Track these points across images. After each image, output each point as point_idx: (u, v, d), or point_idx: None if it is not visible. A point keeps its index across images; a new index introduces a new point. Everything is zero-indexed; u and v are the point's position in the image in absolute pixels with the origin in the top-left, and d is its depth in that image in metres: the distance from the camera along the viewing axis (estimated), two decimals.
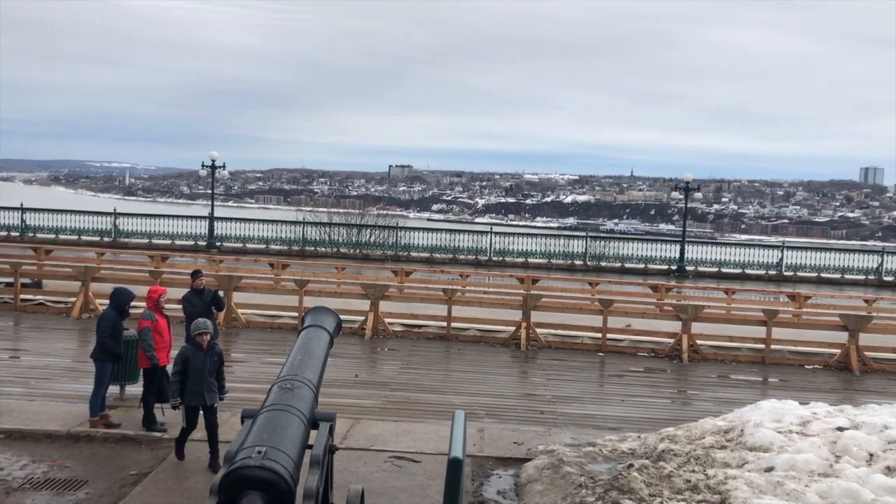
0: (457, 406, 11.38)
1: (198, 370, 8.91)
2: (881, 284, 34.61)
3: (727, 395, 14.10)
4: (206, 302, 12.24)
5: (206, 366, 8.96)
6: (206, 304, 12.22)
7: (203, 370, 8.93)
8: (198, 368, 8.91)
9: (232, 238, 37.45)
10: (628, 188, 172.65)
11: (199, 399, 8.93)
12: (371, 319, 17.58)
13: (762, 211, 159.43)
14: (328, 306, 8.51)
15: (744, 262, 36.45)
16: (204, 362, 8.95)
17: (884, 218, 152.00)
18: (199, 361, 8.94)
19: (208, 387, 8.99)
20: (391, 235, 38.45)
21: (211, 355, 9.04)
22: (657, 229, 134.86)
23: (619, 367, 16.05)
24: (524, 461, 9.50)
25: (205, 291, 12.45)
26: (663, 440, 9.58)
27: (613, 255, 37.26)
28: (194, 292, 12.30)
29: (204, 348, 8.99)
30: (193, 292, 12.31)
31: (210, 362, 9.00)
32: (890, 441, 8.65)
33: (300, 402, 6.21)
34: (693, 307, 17.76)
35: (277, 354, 14.14)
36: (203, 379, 8.93)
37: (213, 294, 12.58)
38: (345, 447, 9.33)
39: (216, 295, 12.72)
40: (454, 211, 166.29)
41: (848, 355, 16.64)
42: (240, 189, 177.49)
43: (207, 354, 9.00)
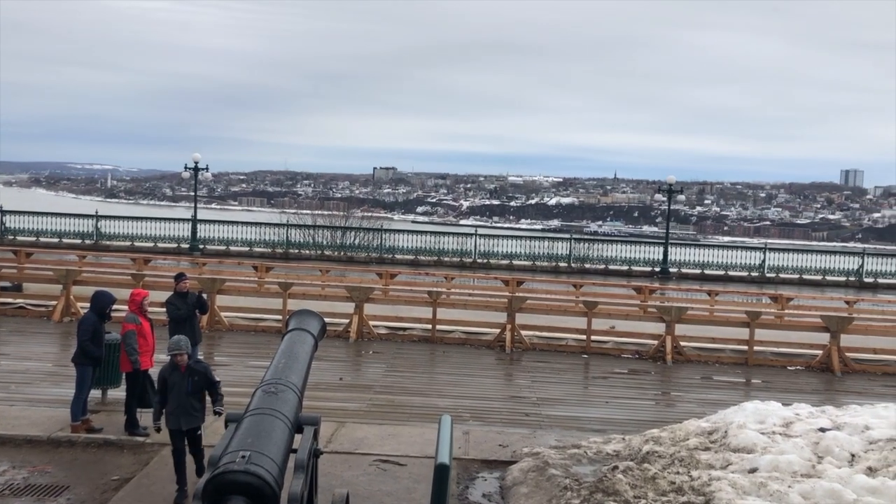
0: (442, 409, 11.39)
1: (175, 391, 8.21)
2: (862, 286, 34.96)
3: (711, 396, 14.17)
4: (190, 305, 12.08)
5: (183, 387, 8.20)
6: (191, 308, 12.08)
7: (180, 391, 8.20)
8: (175, 389, 8.22)
9: (215, 240, 37.24)
10: (612, 190, 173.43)
11: (174, 422, 8.22)
12: (355, 322, 17.53)
13: (744, 213, 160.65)
14: (312, 309, 8.49)
15: (726, 263, 36.72)
16: (181, 383, 8.21)
17: (864, 220, 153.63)
18: (175, 382, 8.22)
19: (185, 409, 8.21)
20: (376, 238, 38.38)
21: (190, 375, 8.26)
22: (641, 231, 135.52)
23: (603, 368, 16.09)
24: (509, 464, 9.50)
25: (189, 294, 12.28)
26: (648, 442, 9.61)
27: (597, 256, 37.41)
28: (178, 295, 12.15)
29: (181, 368, 8.25)
30: (177, 295, 12.16)
31: (189, 383, 8.23)
32: (871, 442, 8.73)
33: (284, 405, 6.18)
34: (676, 309, 17.85)
35: (261, 358, 14.06)
36: (180, 401, 8.19)
37: (197, 297, 12.43)
38: (329, 451, 9.29)
39: (200, 298, 12.58)
40: (439, 213, 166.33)
41: (830, 356, 16.77)
42: (223, 191, 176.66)
43: (186, 375, 8.24)
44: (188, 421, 8.24)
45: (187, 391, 8.22)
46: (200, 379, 8.31)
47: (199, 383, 8.30)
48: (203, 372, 8.38)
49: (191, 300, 12.17)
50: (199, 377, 8.30)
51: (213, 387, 8.40)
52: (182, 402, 8.21)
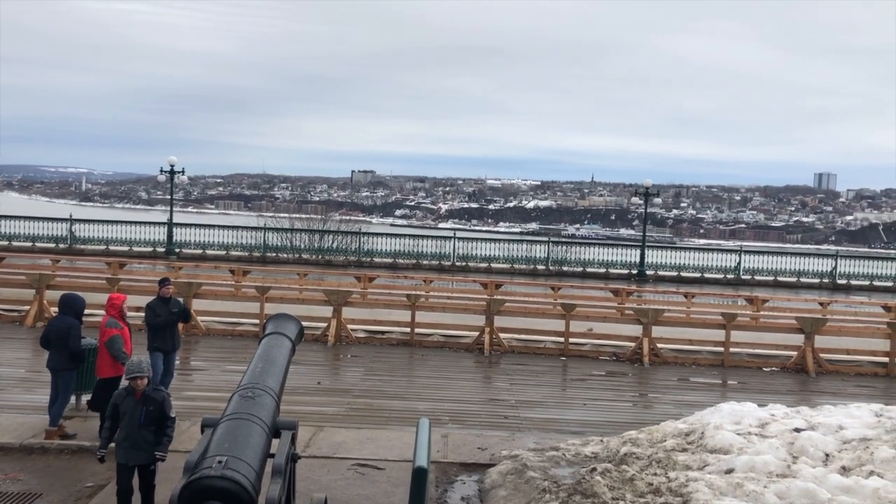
0: (420, 412, 11.37)
1: (126, 420, 7.26)
2: (835, 287, 35.43)
3: (688, 397, 14.27)
4: (171, 312, 11.64)
5: (136, 416, 7.23)
6: (172, 315, 11.63)
7: (132, 421, 7.23)
8: (126, 418, 7.26)
9: (191, 244, 36.95)
10: (589, 193, 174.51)
11: (122, 455, 7.29)
12: (334, 326, 17.46)
13: (720, 216, 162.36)
14: (290, 313, 8.45)
15: (702, 266, 37.07)
16: (134, 411, 7.24)
17: (837, 222, 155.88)
18: (128, 409, 7.26)
19: (135, 442, 7.23)
20: (354, 241, 38.29)
21: (145, 404, 7.27)
22: (618, 234, 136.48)
23: (581, 370, 16.15)
24: (488, 466, 9.50)
25: (171, 300, 11.85)
26: (625, 443, 9.66)
27: (575, 259, 37.61)
28: (161, 300, 11.68)
29: (137, 395, 7.30)
30: (160, 300, 11.69)
31: (143, 413, 7.23)
32: (845, 441, 8.84)
33: (261, 410, 6.14)
34: (653, 311, 17.96)
35: (238, 362, 13.96)
36: (130, 432, 7.23)
37: (179, 305, 12.05)
38: (307, 455, 9.23)
39: (184, 307, 12.21)
40: (417, 216, 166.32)
41: (804, 357, 16.96)
42: (199, 194, 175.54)
43: (140, 402, 7.26)
44: (137, 456, 7.28)
45: (139, 422, 7.25)
46: (156, 409, 7.33)
47: (153, 414, 7.31)
48: (160, 402, 7.38)
49: (173, 307, 11.83)
50: (154, 407, 7.32)
51: (165, 423, 7.39)
52: (132, 434, 7.25)
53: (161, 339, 11.52)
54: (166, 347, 11.57)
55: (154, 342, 11.48)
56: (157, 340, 11.51)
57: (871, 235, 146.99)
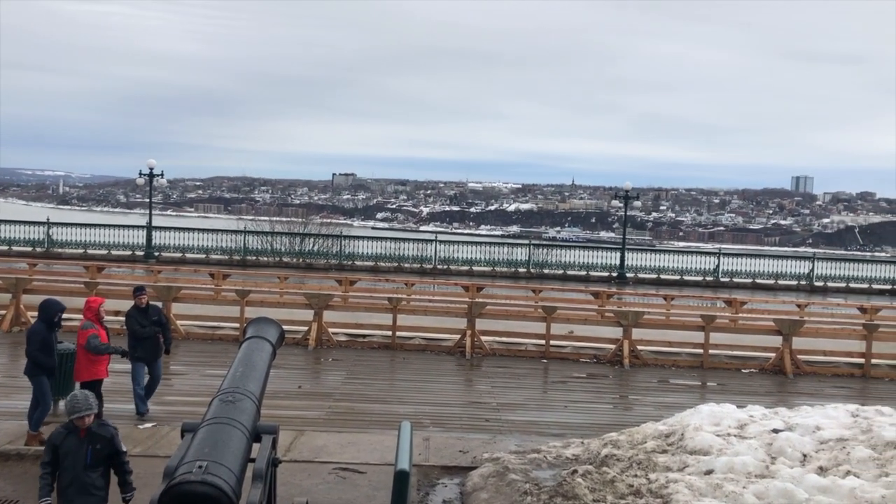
0: (402, 415, 11.35)
1: (69, 462, 6.29)
2: (812, 289, 35.84)
3: (667, 399, 14.35)
4: (152, 321, 11.41)
5: (80, 457, 6.30)
6: (152, 324, 11.39)
7: (76, 463, 6.29)
8: (69, 459, 6.29)
9: (171, 248, 36.73)
10: (570, 196, 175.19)
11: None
12: (314, 329, 17.40)
13: (699, 219, 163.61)
14: (270, 317, 8.42)
15: (682, 268, 37.38)
16: (78, 452, 6.29)
17: (814, 225, 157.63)
18: (71, 450, 6.29)
19: (82, 487, 6.27)
20: (335, 244, 38.20)
21: (91, 442, 6.33)
22: (598, 237, 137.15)
23: (562, 373, 16.21)
24: (469, 469, 9.51)
25: (150, 309, 11.60)
26: (606, 445, 9.71)
27: (556, 262, 37.79)
28: (138, 311, 11.47)
29: (81, 433, 6.33)
30: (137, 310, 11.48)
31: (89, 453, 6.31)
32: (822, 442, 8.94)
33: (242, 414, 6.10)
34: (633, 313, 18.07)
35: (218, 366, 13.86)
36: (75, 476, 6.28)
37: (158, 312, 11.79)
38: (288, 459, 9.20)
39: (163, 319, 11.82)
40: (399, 219, 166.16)
41: (782, 359, 17.13)
42: (179, 198, 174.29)
43: (85, 441, 6.32)
44: (85, 502, 6.32)
45: (86, 463, 6.32)
46: (104, 447, 6.38)
47: (101, 452, 6.37)
48: (109, 438, 6.42)
49: (152, 314, 11.53)
50: (102, 445, 6.37)
51: (120, 460, 6.49)
52: (78, 478, 6.30)
53: (144, 348, 11.34)
54: (149, 357, 11.38)
55: (136, 352, 11.27)
56: (140, 349, 11.31)
57: (847, 238, 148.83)
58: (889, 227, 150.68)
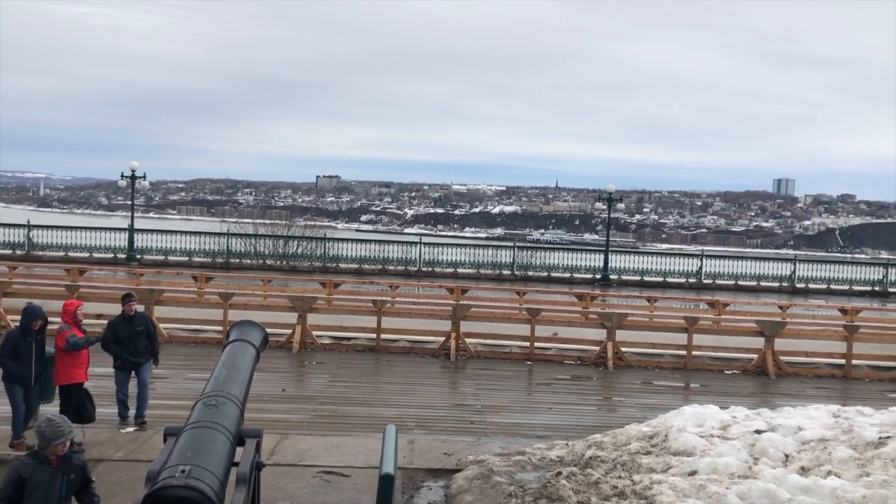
0: (386, 418, 11.34)
1: (41, 497, 5.65)
2: (794, 291, 36.13)
3: (651, 400, 14.41)
4: (136, 331, 10.88)
5: (55, 490, 5.70)
6: (136, 334, 10.87)
7: (51, 497, 5.69)
8: (38, 492, 5.63)
9: (153, 250, 36.46)
10: (554, 199, 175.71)
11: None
12: (298, 332, 17.34)
13: (682, 221, 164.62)
14: (254, 320, 8.38)
15: (665, 270, 37.55)
16: (52, 484, 5.67)
17: (795, 227, 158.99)
18: (43, 481, 5.66)
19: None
20: (319, 247, 38.07)
21: (66, 471, 5.79)
22: (582, 239, 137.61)
23: (546, 375, 16.24)
24: (454, 472, 9.50)
25: (136, 317, 11.09)
26: (590, 447, 9.73)
27: (540, 264, 37.86)
28: (124, 319, 10.98)
29: (53, 461, 5.74)
30: (123, 319, 10.98)
31: (64, 485, 5.73)
32: (804, 442, 9.01)
33: (225, 418, 6.07)
34: (617, 315, 18.14)
35: (201, 370, 13.77)
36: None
37: (145, 321, 11.22)
38: (272, 463, 9.15)
39: (151, 328, 11.29)
40: (383, 221, 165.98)
41: (764, 360, 17.25)
42: (161, 200, 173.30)
43: (59, 471, 5.74)
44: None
45: (60, 496, 5.74)
46: (78, 477, 5.90)
47: (75, 483, 5.88)
48: (82, 467, 5.95)
49: (138, 324, 11.01)
50: (76, 475, 5.88)
51: (89, 490, 6.02)
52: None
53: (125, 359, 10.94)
54: (132, 366, 11.01)
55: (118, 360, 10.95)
56: (123, 360, 10.94)
57: (828, 240, 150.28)
58: (869, 229, 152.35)
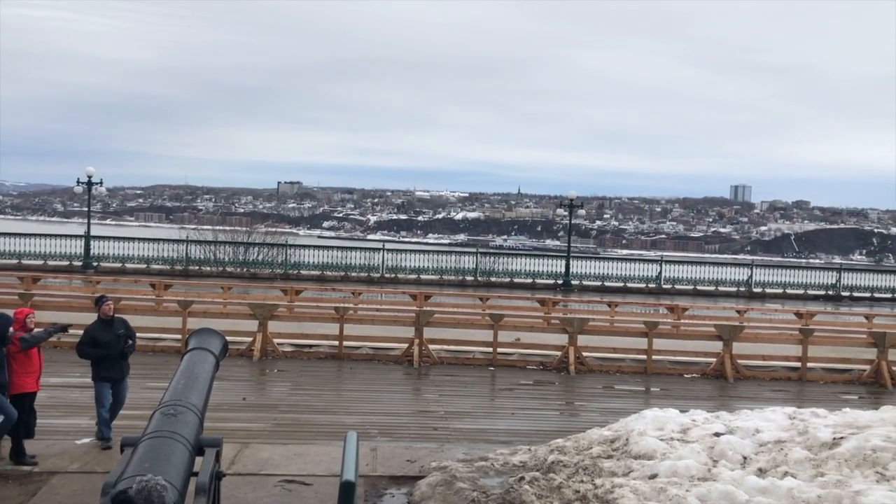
0: (349, 426, 11.26)
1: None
2: (751, 296, 36.81)
3: (613, 405, 14.53)
4: (117, 335, 10.37)
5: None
6: (117, 338, 10.37)
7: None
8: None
9: (110, 257, 35.83)
10: (516, 205, 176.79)
11: None
12: (259, 340, 17.15)
13: (641, 227, 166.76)
14: (213, 328, 8.29)
15: (625, 275, 38.00)
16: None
17: (752, 233, 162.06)
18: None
19: None
20: (280, 253, 37.76)
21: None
22: (544, 245, 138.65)
23: (509, 380, 16.29)
24: (417, 479, 9.47)
25: (115, 321, 10.55)
26: (553, 452, 9.78)
27: (503, 270, 38.03)
28: (102, 323, 10.49)
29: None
30: (101, 323, 10.49)
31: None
32: (761, 444, 9.16)
33: (184, 428, 5.99)
34: (579, 320, 18.27)
35: (160, 379, 13.52)
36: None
37: (125, 326, 10.65)
38: (232, 473, 9.03)
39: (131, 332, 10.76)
40: (346, 228, 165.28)
41: (723, 364, 17.50)
42: (119, 206, 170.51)
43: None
44: None
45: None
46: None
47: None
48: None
49: (117, 327, 10.45)
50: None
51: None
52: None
53: (108, 366, 10.38)
54: (114, 375, 10.45)
55: (100, 371, 10.40)
56: (104, 368, 10.40)
57: (783, 245, 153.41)
58: (823, 235, 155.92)
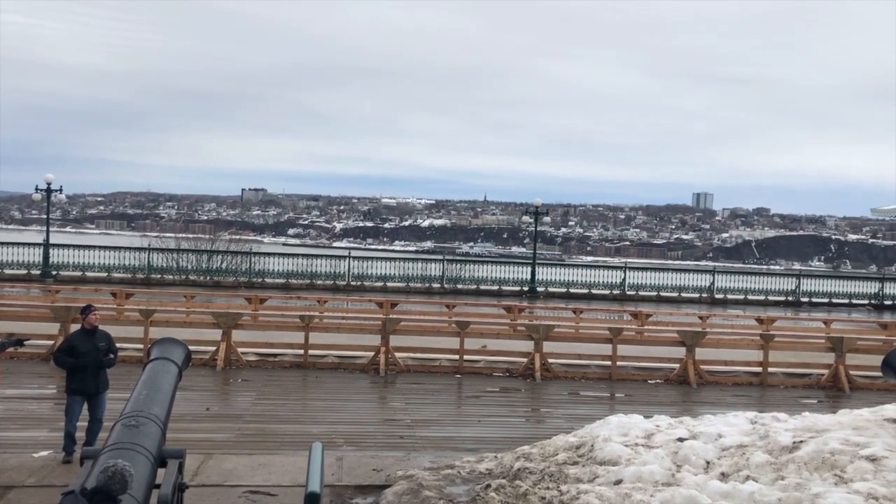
0: (315, 435, 11.18)
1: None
2: (713, 302, 37.35)
3: (578, 411, 14.62)
4: (96, 347, 10.01)
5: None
6: (98, 350, 10.00)
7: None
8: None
9: (70, 266, 35.20)
10: (482, 212, 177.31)
11: None
12: (223, 349, 16.95)
13: (606, 234, 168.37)
14: (176, 337, 8.19)
15: (590, 282, 38.33)
16: None
17: (714, 240, 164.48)
18: None
19: None
20: (244, 261, 37.41)
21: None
22: (510, 252, 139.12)
23: (475, 387, 16.31)
24: (383, 488, 9.42)
25: (98, 332, 10.23)
26: (519, 459, 9.80)
27: (469, 277, 38.14)
28: (84, 333, 10.17)
29: None
30: (83, 333, 10.18)
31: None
32: (724, 449, 9.29)
33: (146, 439, 5.91)
34: (544, 327, 18.36)
35: (121, 390, 13.24)
36: None
37: (108, 340, 10.31)
38: (196, 484, 8.90)
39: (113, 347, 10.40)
40: (311, 235, 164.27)
41: (686, 369, 17.71)
42: (79, 214, 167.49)
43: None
44: None
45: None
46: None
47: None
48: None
49: (99, 339, 10.11)
50: None
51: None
52: None
53: (80, 378, 9.99)
54: (88, 389, 10.00)
55: (72, 382, 10.02)
56: (77, 380, 10.00)
57: (744, 252, 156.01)
58: (783, 241, 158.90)
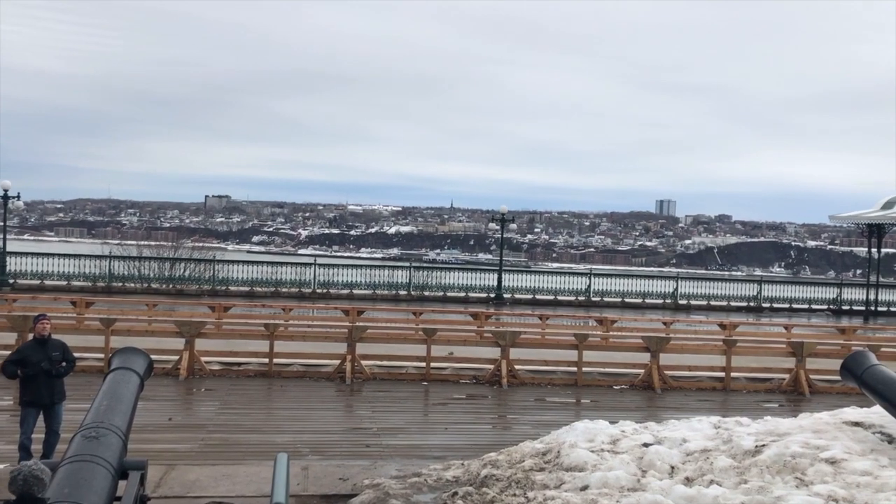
0: (280, 445, 11.07)
1: None
2: (677, 307, 37.81)
3: (545, 417, 14.66)
4: (49, 357, 9.75)
5: None
6: (51, 360, 9.74)
7: None
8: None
9: (27, 274, 34.54)
10: (449, 219, 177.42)
11: None
12: (186, 358, 16.71)
13: (571, 240, 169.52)
14: (138, 346, 8.08)
15: (556, 289, 38.58)
16: None
17: (677, 246, 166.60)
18: None
19: None
20: (208, 269, 36.99)
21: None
22: (476, 259, 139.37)
23: (442, 395, 16.28)
24: (349, 497, 9.35)
25: (49, 342, 10.00)
26: (486, 466, 9.80)
27: (436, 284, 38.18)
28: (36, 343, 9.98)
29: None
30: (35, 343, 10.00)
31: None
32: (688, 453, 9.38)
33: (106, 450, 5.80)
34: (511, 333, 18.41)
35: (81, 400, 12.98)
36: None
37: (61, 347, 10.07)
38: (158, 496, 8.75)
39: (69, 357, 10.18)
40: (276, 242, 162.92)
41: (650, 375, 17.87)
42: (37, 221, 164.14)
43: None
44: None
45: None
46: None
47: None
48: None
49: (52, 349, 9.87)
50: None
51: None
52: None
53: (34, 389, 9.70)
54: (41, 401, 9.78)
55: (24, 394, 9.76)
56: (29, 391, 9.73)
57: (707, 258, 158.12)
58: (744, 248, 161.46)
